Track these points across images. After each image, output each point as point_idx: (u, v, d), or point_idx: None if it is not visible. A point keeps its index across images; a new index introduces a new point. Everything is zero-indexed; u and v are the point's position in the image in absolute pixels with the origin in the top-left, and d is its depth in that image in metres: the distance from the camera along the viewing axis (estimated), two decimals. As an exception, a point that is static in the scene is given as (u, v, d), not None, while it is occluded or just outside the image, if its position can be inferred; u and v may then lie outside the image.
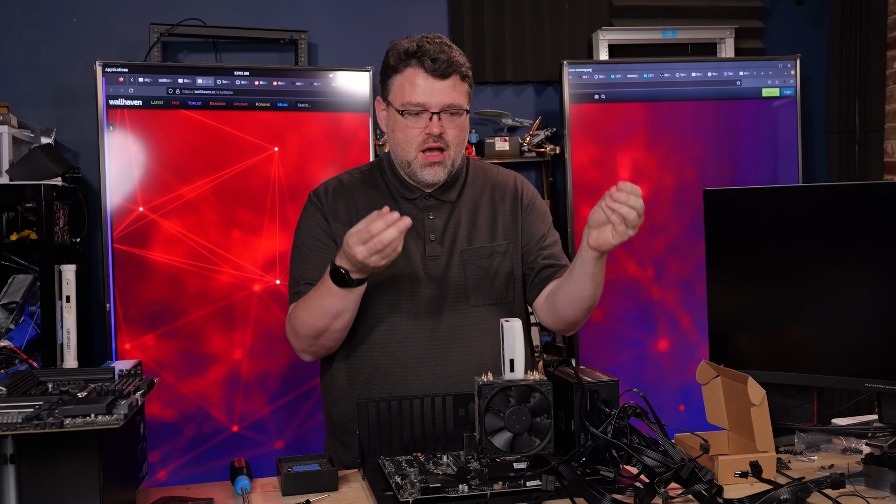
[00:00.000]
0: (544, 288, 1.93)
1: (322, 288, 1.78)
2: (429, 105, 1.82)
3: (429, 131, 1.82)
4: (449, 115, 1.83)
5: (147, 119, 3.15)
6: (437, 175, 1.86)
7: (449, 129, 1.84)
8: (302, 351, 1.91)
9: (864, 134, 4.04)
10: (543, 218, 2.00)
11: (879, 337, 1.71)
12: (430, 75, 1.81)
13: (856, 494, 1.53)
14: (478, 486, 1.48)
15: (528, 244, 1.96)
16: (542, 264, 1.94)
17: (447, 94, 1.82)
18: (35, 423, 1.24)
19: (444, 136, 1.83)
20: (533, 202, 2.01)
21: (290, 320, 1.88)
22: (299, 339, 1.87)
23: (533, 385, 1.52)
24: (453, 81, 1.83)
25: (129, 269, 3.11)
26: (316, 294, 1.80)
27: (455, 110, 1.84)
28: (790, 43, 4.07)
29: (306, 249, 1.92)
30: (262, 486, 1.64)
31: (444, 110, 1.83)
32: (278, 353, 3.21)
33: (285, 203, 3.24)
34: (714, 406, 1.80)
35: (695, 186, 3.52)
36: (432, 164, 1.84)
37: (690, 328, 3.57)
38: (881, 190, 1.75)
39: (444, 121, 1.83)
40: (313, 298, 1.80)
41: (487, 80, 3.83)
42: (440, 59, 1.81)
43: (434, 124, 1.82)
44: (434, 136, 1.82)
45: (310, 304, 1.81)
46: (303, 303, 1.84)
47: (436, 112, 1.82)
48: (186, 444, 3.15)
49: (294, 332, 1.87)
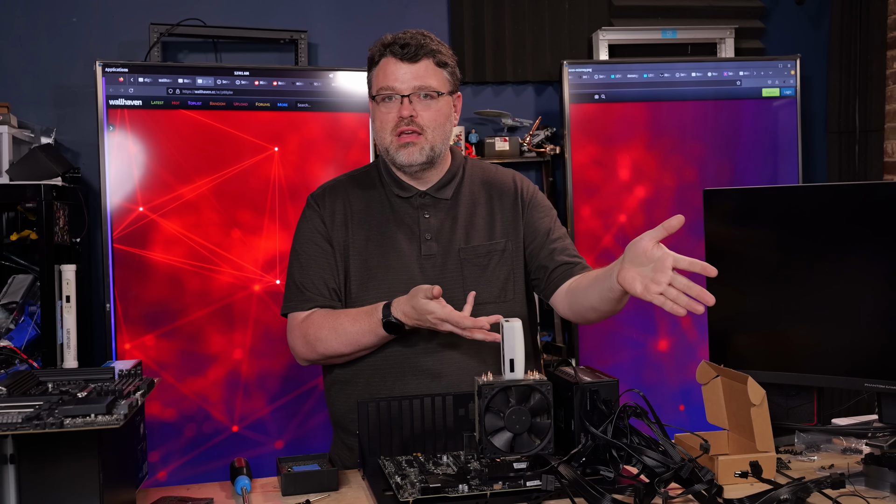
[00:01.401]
0: (562, 285, 1.90)
1: (363, 325, 1.81)
2: (398, 88, 1.85)
3: (399, 114, 1.84)
4: (421, 98, 1.85)
5: (147, 119, 3.15)
6: (411, 156, 1.86)
7: (422, 112, 1.85)
8: (305, 360, 1.93)
9: (864, 134, 4.04)
10: (547, 212, 1.99)
11: (879, 337, 1.71)
12: (399, 60, 1.86)
13: (856, 494, 1.53)
14: (478, 486, 1.48)
15: (536, 240, 1.95)
16: (558, 262, 1.92)
17: (417, 77, 1.85)
18: (35, 423, 1.24)
19: (416, 119, 1.85)
20: (534, 197, 2.00)
21: (306, 333, 1.87)
22: (313, 353, 1.88)
23: (533, 385, 1.52)
24: (424, 65, 1.86)
25: (129, 269, 3.11)
26: (353, 328, 1.82)
27: (427, 92, 1.85)
28: (790, 43, 4.07)
29: (305, 255, 1.93)
30: (262, 486, 1.64)
31: (416, 92, 1.85)
32: (278, 353, 3.21)
33: (285, 203, 3.24)
34: (714, 406, 1.80)
35: (695, 186, 3.52)
36: (406, 144, 1.86)
37: (690, 328, 3.57)
38: (881, 190, 1.75)
39: (417, 104, 1.85)
40: (348, 331, 1.82)
41: (487, 80, 3.83)
42: (409, 45, 1.85)
43: (405, 107, 1.84)
44: (405, 118, 1.84)
45: (341, 332, 1.83)
46: (331, 327, 1.84)
47: (406, 95, 1.84)
48: (186, 444, 3.15)
49: (309, 346, 1.87)
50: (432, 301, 1.69)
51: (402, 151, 1.86)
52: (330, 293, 1.90)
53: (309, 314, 1.89)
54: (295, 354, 1.94)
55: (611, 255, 3.53)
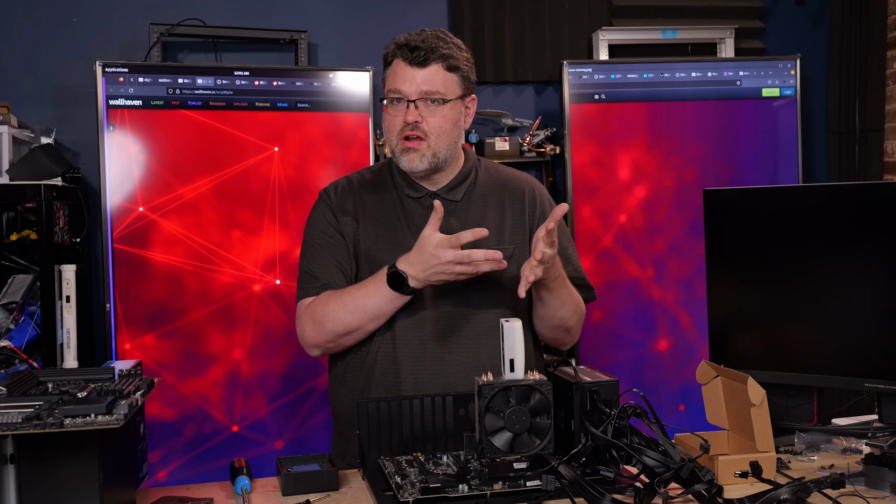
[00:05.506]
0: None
1: (369, 287, 1.80)
2: (405, 93, 1.84)
3: (405, 119, 1.84)
4: (428, 104, 1.84)
5: (147, 119, 3.15)
6: (412, 163, 1.86)
7: (428, 117, 1.85)
8: (316, 346, 1.90)
9: (864, 134, 4.04)
10: (562, 230, 1.95)
11: (879, 337, 1.71)
12: (408, 64, 1.84)
13: (856, 494, 1.53)
14: (478, 486, 1.48)
15: None
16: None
17: (425, 82, 1.84)
18: (35, 423, 1.24)
19: (421, 124, 1.84)
20: (546, 209, 1.98)
21: (314, 313, 1.86)
22: (322, 332, 1.86)
23: (533, 385, 1.52)
24: (434, 69, 1.84)
25: (129, 269, 3.11)
26: (359, 293, 1.81)
27: (434, 98, 1.84)
28: (790, 43, 4.07)
29: (316, 245, 1.93)
30: (262, 486, 1.64)
31: (423, 98, 1.84)
32: (278, 353, 3.22)
33: (285, 203, 3.24)
34: (714, 406, 1.80)
35: (695, 186, 3.52)
36: (407, 150, 1.85)
37: (690, 328, 3.57)
38: (881, 190, 1.75)
39: (423, 109, 1.84)
40: (354, 296, 1.81)
41: (487, 80, 3.83)
42: (420, 48, 1.83)
43: (410, 112, 1.84)
44: (410, 123, 1.84)
45: (348, 300, 1.82)
46: (338, 298, 1.84)
47: (413, 100, 1.83)
48: (186, 444, 3.15)
49: (317, 325, 1.86)
50: (437, 233, 1.71)
51: (404, 157, 1.86)
52: (339, 280, 1.89)
53: (317, 297, 1.89)
54: (304, 342, 1.92)
55: (611, 255, 3.54)
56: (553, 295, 1.85)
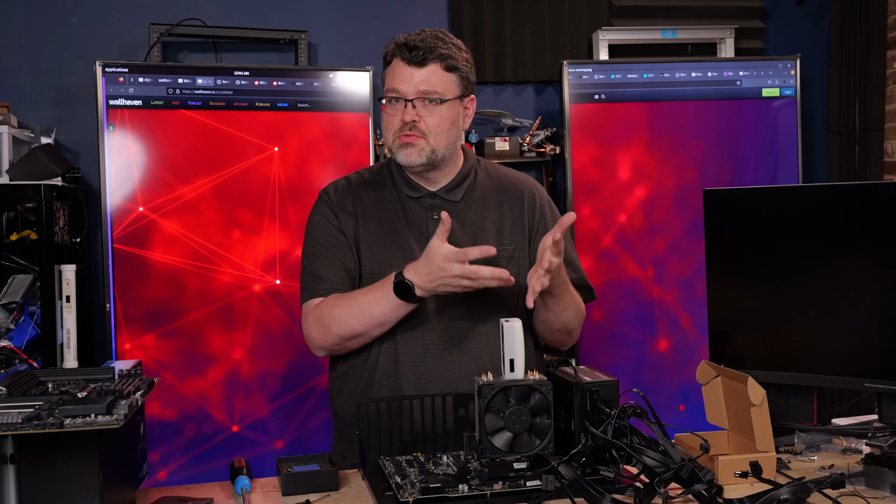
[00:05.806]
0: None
1: (375, 294, 1.80)
2: (403, 92, 1.85)
3: (402, 118, 1.85)
4: (426, 103, 1.85)
5: (147, 119, 3.15)
6: (409, 157, 1.86)
7: (426, 117, 1.85)
8: (321, 347, 1.91)
9: (864, 134, 4.04)
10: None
11: (879, 337, 1.71)
12: (406, 64, 1.85)
13: (856, 494, 1.53)
14: (478, 486, 1.48)
15: None
16: None
17: (422, 81, 1.84)
18: (35, 423, 1.24)
19: (419, 124, 1.84)
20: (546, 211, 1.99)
21: (320, 316, 1.86)
22: (328, 335, 1.86)
23: (533, 385, 1.52)
24: (432, 69, 1.85)
25: (129, 269, 3.11)
26: (365, 298, 1.81)
27: (431, 97, 1.84)
28: (790, 43, 4.07)
29: (319, 245, 1.93)
30: (262, 486, 1.64)
31: (420, 97, 1.84)
32: (278, 353, 3.22)
33: (285, 203, 3.24)
34: (714, 406, 1.80)
35: (695, 186, 3.52)
36: (405, 145, 1.86)
37: (690, 328, 3.57)
38: (881, 190, 1.75)
39: (421, 109, 1.85)
40: (361, 302, 1.81)
41: (487, 80, 3.83)
42: (418, 48, 1.84)
43: (407, 111, 1.84)
44: (407, 123, 1.84)
45: (354, 305, 1.82)
46: (344, 303, 1.84)
47: (410, 99, 1.84)
48: (186, 444, 3.15)
49: (323, 328, 1.86)
50: (445, 244, 1.70)
51: (401, 152, 1.87)
52: (343, 280, 1.90)
53: (323, 298, 1.89)
54: (310, 343, 1.92)
55: (611, 255, 3.54)
56: (557, 300, 1.85)
